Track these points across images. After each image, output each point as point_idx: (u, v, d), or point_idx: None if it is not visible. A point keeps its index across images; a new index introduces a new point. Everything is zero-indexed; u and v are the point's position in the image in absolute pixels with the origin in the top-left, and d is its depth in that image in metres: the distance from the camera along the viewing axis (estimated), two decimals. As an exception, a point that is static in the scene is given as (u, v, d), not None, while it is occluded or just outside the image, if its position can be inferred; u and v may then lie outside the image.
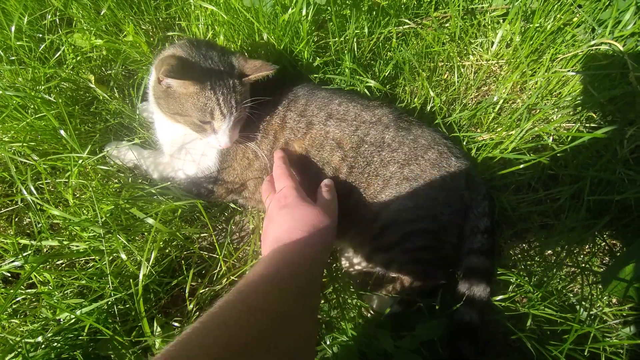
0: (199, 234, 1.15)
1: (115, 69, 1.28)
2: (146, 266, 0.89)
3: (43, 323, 0.91)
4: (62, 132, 1.01)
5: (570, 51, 1.16)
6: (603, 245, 1.11)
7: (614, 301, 1.08)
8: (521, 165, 1.00)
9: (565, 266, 1.10)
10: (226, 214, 1.22)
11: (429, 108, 1.24)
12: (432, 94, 1.19)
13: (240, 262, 1.11)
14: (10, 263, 0.93)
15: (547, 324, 0.99)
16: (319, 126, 1.03)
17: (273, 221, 0.85)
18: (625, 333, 0.98)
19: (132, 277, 0.94)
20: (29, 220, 1.15)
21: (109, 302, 0.91)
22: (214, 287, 1.04)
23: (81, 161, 0.99)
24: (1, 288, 1.01)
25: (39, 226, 1.04)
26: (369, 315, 1.05)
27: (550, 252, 1.11)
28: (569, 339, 0.86)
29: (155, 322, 0.94)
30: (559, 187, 1.08)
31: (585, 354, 0.89)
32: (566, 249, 1.07)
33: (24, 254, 0.97)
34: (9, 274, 1.04)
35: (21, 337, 0.87)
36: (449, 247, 1.00)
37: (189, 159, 1.07)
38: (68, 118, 1.02)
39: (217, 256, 1.03)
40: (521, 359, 1.00)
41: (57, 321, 0.92)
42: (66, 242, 0.98)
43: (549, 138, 1.12)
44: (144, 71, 1.27)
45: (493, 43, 1.24)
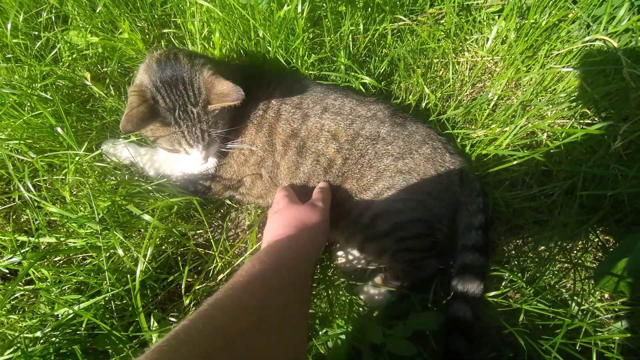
0: (195, 230, 1.16)
1: (111, 66, 1.28)
2: (142, 262, 0.90)
3: (41, 318, 0.92)
4: (59, 129, 1.01)
5: (565, 47, 1.16)
6: (596, 240, 1.11)
7: (606, 296, 1.09)
8: (515, 161, 1.01)
9: (558, 262, 1.11)
10: (222, 211, 1.23)
11: (424, 105, 1.25)
12: (427, 90, 1.20)
13: (236, 258, 1.12)
14: (8, 260, 0.94)
15: (540, 319, 1.00)
16: (314, 119, 1.04)
17: (267, 227, 0.90)
18: (617, 327, 0.99)
19: (129, 273, 0.95)
20: (26, 217, 1.16)
21: (106, 298, 0.93)
22: (209, 283, 1.06)
23: (78, 158, 1.00)
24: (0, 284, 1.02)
25: (36, 223, 1.05)
26: (361, 310, 1.06)
27: (543, 247, 1.12)
28: (560, 333, 0.88)
29: (152, 317, 0.95)
30: (553, 183, 1.09)
31: (577, 348, 0.90)
32: (559, 244, 1.08)
33: (22, 251, 0.98)
34: (7, 271, 1.05)
35: (20, 332, 0.89)
36: (442, 236, 1.01)
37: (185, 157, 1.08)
38: (65, 116, 1.03)
39: (213, 252, 1.05)
40: (513, 353, 1.02)
41: (55, 317, 0.93)
42: (63, 239, 0.99)
43: (543, 134, 1.13)
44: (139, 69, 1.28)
45: (488, 39, 1.24)
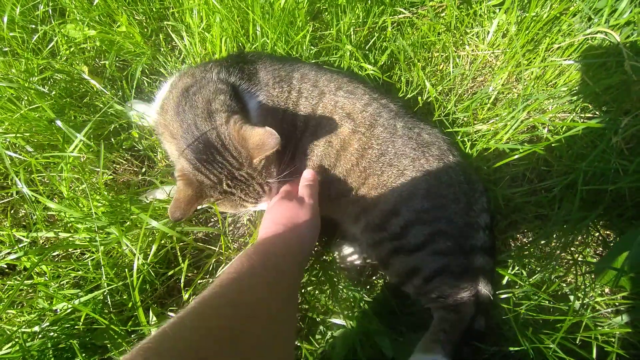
0: (194, 229, 1.16)
1: (109, 59, 1.27)
2: (138, 258, 0.90)
3: (40, 313, 0.92)
4: (59, 122, 1.00)
5: (566, 40, 1.16)
6: (597, 235, 1.11)
7: (607, 291, 1.09)
8: (516, 155, 1.00)
9: (559, 257, 1.10)
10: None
11: (424, 98, 1.24)
12: (427, 84, 1.19)
13: (236, 253, 1.11)
14: (8, 255, 0.94)
15: (541, 313, 1.00)
16: (329, 95, 1.02)
17: (262, 221, 0.89)
18: (618, 322, 0.99)
19: (127, 268, 0.94)
20: (24, 212, 1.15)
21: (105, 293, 0.92)
22: (209, 278, 1.05)
23: (76, 153, 0.99)
24: (-2, 279, 1.02)
25: (34, 218, 1.05)
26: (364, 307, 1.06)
27: (544, 242, 1.11)
28: (562, 329, 0.87)
29: (150, 312, 0.95)
30: (554, 178, 1.09)
31: (577, 342, 0.90)
32: (561, 239, 1.08)
33: (19, 246, 0.98)
34: (5, 265, 1.04)
35: (18, 327, 0.88)
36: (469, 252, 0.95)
37: None
38: (62, 109, 1.02)
39: (213, 247, 1.04)
40: (514, 348, 1.01)
41: (54, 311, 0.92)
42: (62, 234, 0.98)
43: (544, 129, 1.12)
44: (137, 62, 1.26)
45: (489, 33, 1.23)
